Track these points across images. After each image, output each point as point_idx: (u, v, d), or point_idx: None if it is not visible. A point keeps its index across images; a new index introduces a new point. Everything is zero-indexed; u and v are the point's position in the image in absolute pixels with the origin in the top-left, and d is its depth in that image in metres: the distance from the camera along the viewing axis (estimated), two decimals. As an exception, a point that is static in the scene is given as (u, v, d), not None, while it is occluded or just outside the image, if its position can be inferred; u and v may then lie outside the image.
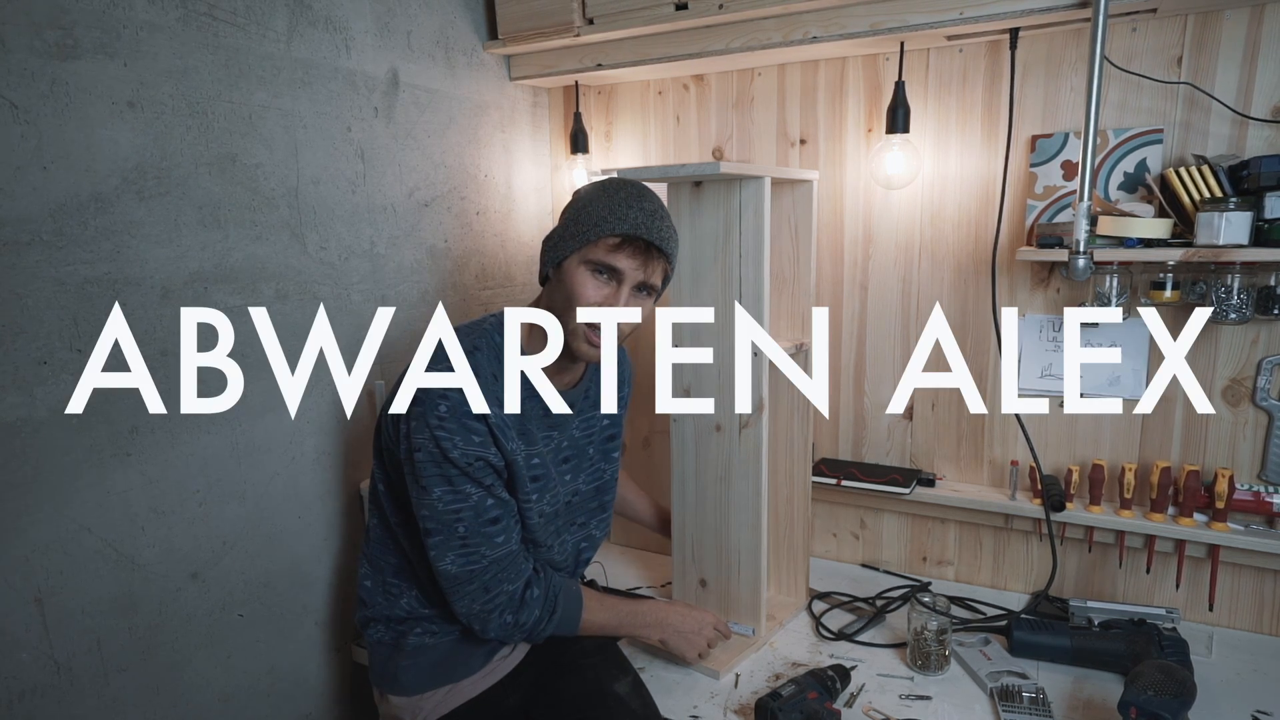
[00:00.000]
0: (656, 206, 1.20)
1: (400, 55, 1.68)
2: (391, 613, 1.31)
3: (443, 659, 1.28)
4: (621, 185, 1.21)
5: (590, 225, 1.16)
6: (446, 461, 1.14)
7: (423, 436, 1.14)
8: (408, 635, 1.29)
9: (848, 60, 1.75)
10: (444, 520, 1.17)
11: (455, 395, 1.14)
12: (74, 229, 1.18)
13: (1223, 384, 1.52)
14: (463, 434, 1.13)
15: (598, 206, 1.17)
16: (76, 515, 1.21)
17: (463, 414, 1.14)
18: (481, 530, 1.18)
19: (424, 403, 1.14)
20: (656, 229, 1.17)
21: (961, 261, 1.71)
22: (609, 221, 1.16)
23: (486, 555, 1.19)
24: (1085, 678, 1.41)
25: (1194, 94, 1.46)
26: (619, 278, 1.18)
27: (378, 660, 1.33)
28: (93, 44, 1.18)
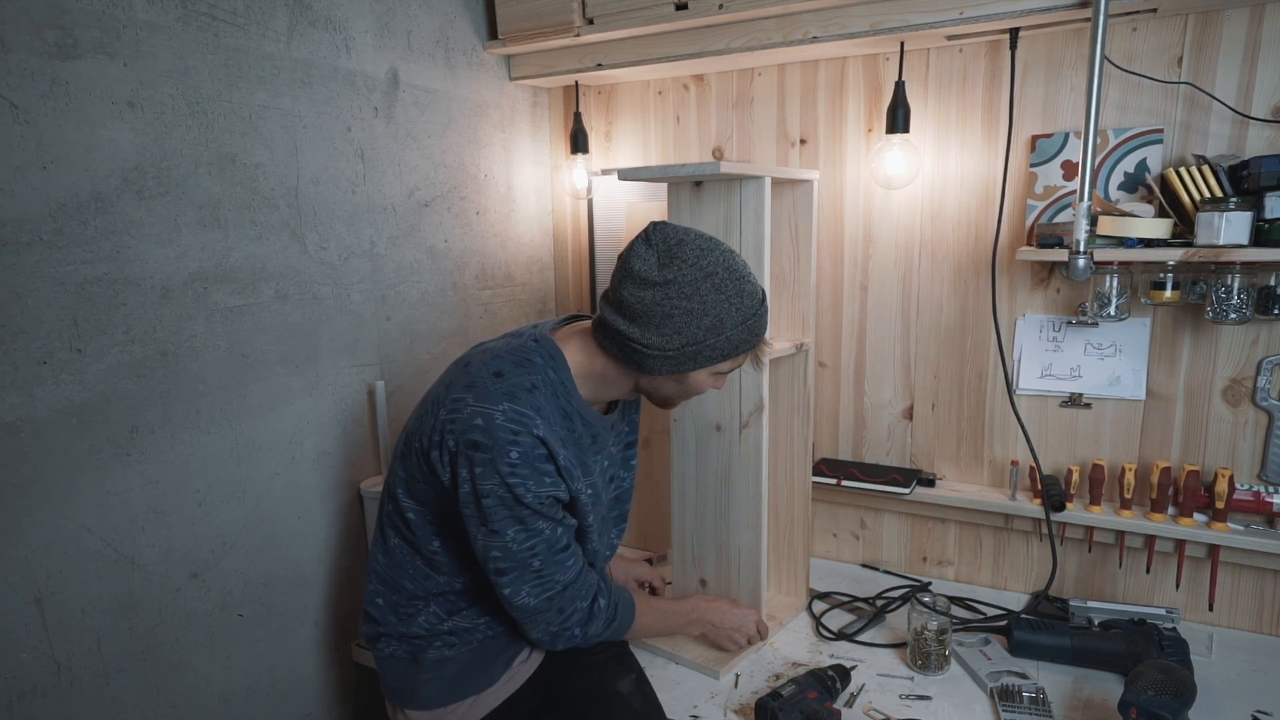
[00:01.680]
0: (763, 291, 1.19)
1: (400, 55, 1.68)
2: (407, 630, 1.27)
3: (462, 670, 1.26)
4: (742, 281, 1.14)
5: (729, 348, 1.15)
6: (519, 505, 1.11)
7: (492, 483, 1.09)
8: (426, 650, 1.26)
9: (848, 60, 1.75)
10: (519, 558, 1.15)
11: (526, 440, 1.09)
12: (74, 229, 1.18)
13: (1223, 384, 1.52)
14: (535, 478, 1.11)
15: (733, 324, 1.13)
16: (76, 515, 1.22)
17: (535, 459, 1.10)
18: (554, 559, 1.17)
19: (490, 448, 1.08)
20: (767, 321, 1.21)
21: (961, 261, 1.71)
22: (748, 342, 1.17)
23: (560, 581, 1.19)
24: (1085, 678, 1.41)
25: (1194, 94, 1.46)
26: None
27: (393, 675, 1.29)
28: (93, 44, 1.18)
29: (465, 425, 1.09)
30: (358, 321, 1.63)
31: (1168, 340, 1.55)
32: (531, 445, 1.10)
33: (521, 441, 1.09)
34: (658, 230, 1.14)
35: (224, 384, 1.39)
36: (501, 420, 1.09)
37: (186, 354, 1.33)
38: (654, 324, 1.12)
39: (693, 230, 1.16)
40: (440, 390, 1.18)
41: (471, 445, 1.09)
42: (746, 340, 1.16)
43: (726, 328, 1.13)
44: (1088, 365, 1.62)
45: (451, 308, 1.87)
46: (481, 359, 1.17)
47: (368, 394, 1.67)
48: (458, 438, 1.10)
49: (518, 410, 1.10)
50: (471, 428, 1.09)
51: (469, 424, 1.09)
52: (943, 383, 1.77)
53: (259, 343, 1.44)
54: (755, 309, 1.16)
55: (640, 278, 1.12)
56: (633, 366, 1.17)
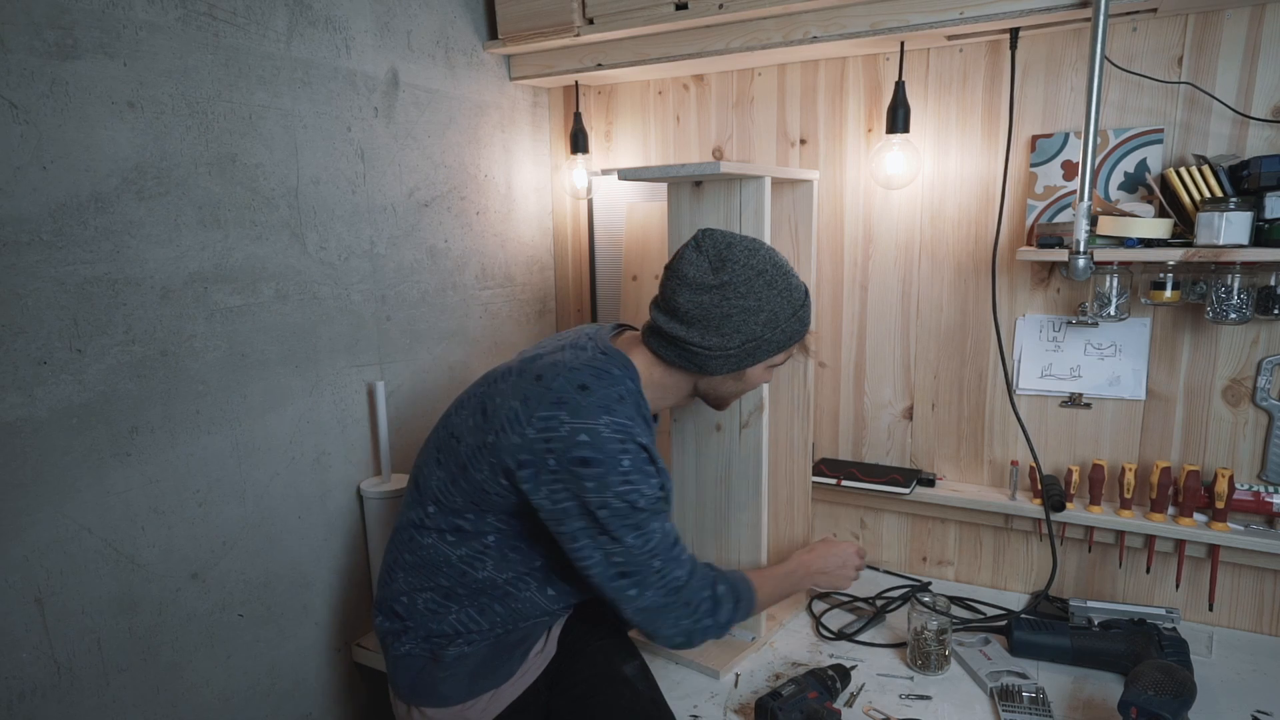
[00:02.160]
0: (802, 281, 1.26)
1: (400, 55, 1.68)
2: (436, 628, 1.25)
3: (480, 665, 1.26)
4: (789, 274, 1.21)
5: (785, 339, 1.22)
6: (635, 511, 1.13)
7: (607, 495, 1.11)
8: (446, 648, 1.25)
9: (848, 60, 1.75)
10: (640, 562, 1.16)
11: (632, 448, 1.12)
12: (74, 229, 1.18)
13: (1223, 384, 1.52)
14: (645, 481, 1.14)
15: (786, 316, 1.20)
16: (76, 515, 1.22)
17: (641, 463, 1.13)
18: (670, 555, 1.19)
19: (602, 462, 1.10)
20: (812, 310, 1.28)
21: (961, 261, 1.71)
22: (800, 332, 1.24)
23: (679, 576, 1.20)
24: (1085, 677, 1.41)
25: (1194, 94, 1.46)
26: None
27: (409, 674, 1.27)
28: (92, 44, 1.18)
29: (569, 443, 1.10)
30: (358, 321, 1.63)
31: (1168, 340, 1.55)
32: (637, 452, 1.13)
33: (629, 449, 1.12)
34: (707, 237, 1.21)
35: (224, 384, 1.39)
36: (608, 433, 1.11)
37: (186, 354, 1.33)
38: (713, 325, 1.18)
39: (737, 234, 1.23)
40: (515, 405, 1.15)
41: (580, 462, 1.10)
42: (799, 330, 1.24)
43: (781, 320, 1.20)
44: (1088, 365, 1.62)
45: (451, 308, 1.86)
46: (554, 372, 1.16)
47: (368, 394, 1.66)
48: (560, 457, 1.10)
49: (618, 422, 1.12)
50: (577, 445, 1.10)
51: (573, 441, 1.10)
52: (943, 383, 1.77)
53: (259, 343, 1.44)
54: (803, 299, 1.23)
55: (696, 283, 1.18)
56: (694, 370, 1.22)
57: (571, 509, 1.12)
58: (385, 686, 1.72)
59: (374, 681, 1.74)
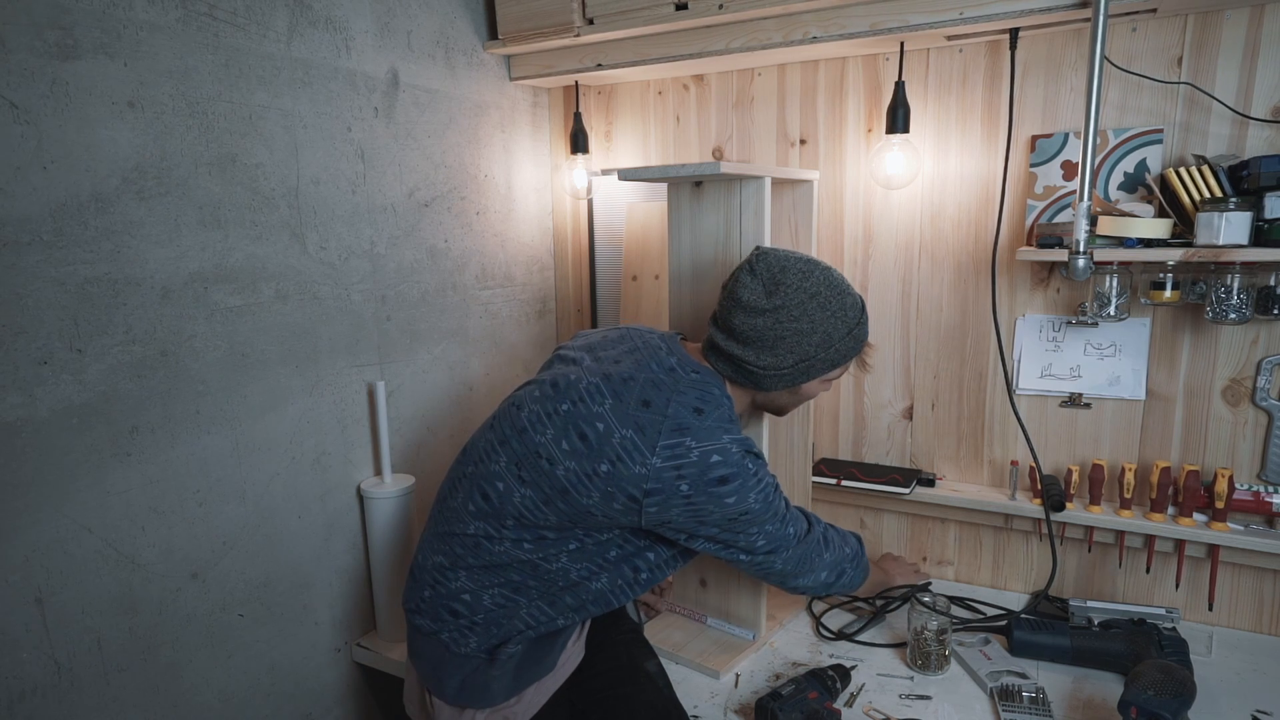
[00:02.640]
0: (861, 298, 1.28)
1: (400, 55, 1.68)
2: (507, 624, 1.24)
3: (524, 659, 1.27)
4: (844, 295, 1.23)
5: (839, 358, 1.24)
6: (769, 504, 1.21)
7: (750, 501, 1.17)
8: (505, 647, 1.24)
9: (848, 60, 1.75)
10: (780, 537, 1.26)
11: (755, 458, 1.19)
12: (74, 229, 1.18)
13: (1222, 384, 1.52)
14: (765, 471, 1.22)
15: (840, 336, 1.22)
16: (77, 515, 1.21)
17: (761, 465, 1.20)
18: (792, 515, 1.30)
19: (739, 475, 1.15)
20: (869, 326, 1.31)
21: (961, 261, 1.71)
22: (854, 349, 1.26)
23: (802, 527, 1.32)
24: (1085, 677, 1.41)
25: (1194, 94, 1.46)
26: None
27: (461, 675, 1.25)
28: (93, 44, 1.18)
29: (702, 467, 1.13)
30: (358, 321, 1.63)
31: (1167, 340, 1.55)
32: (757, 460, 1.19)
33: (751, 457, 1.18)
34: (761, 259, 1.23)
35: (224, 384, 1.39)
36: (736, 450, 1.15)
37: (187, 354, 1.33)
38: (767, 347, 1.20)
39: (793, 254, 1.24)
40: (629, 434, 1.13)
41: (719, 481, 1.14)
42: (853, 348, 1.26)
43: (835, 340, 1.22)
44: (1087, 365, 1.62)
45: (451, 308, 1.86)
46: (662, 395, 1.16)
47: (368, 394, 1.66)
48: (695, 481, 1.13)
49: (738, 439, 1.17)
50: (711, 466, 1.13)
51: (706, 463, 1.13)
52: (942, 382, 1.77)
53: (259, 343, 1.44)
54: (858, 318, 1.25)
55: (750, 306, 1.20)
56: (749, 385, 1.26)
57: (712, 520, 1.18)
58: (385, 686, 1.73)
59: (374, 682, 1.73)
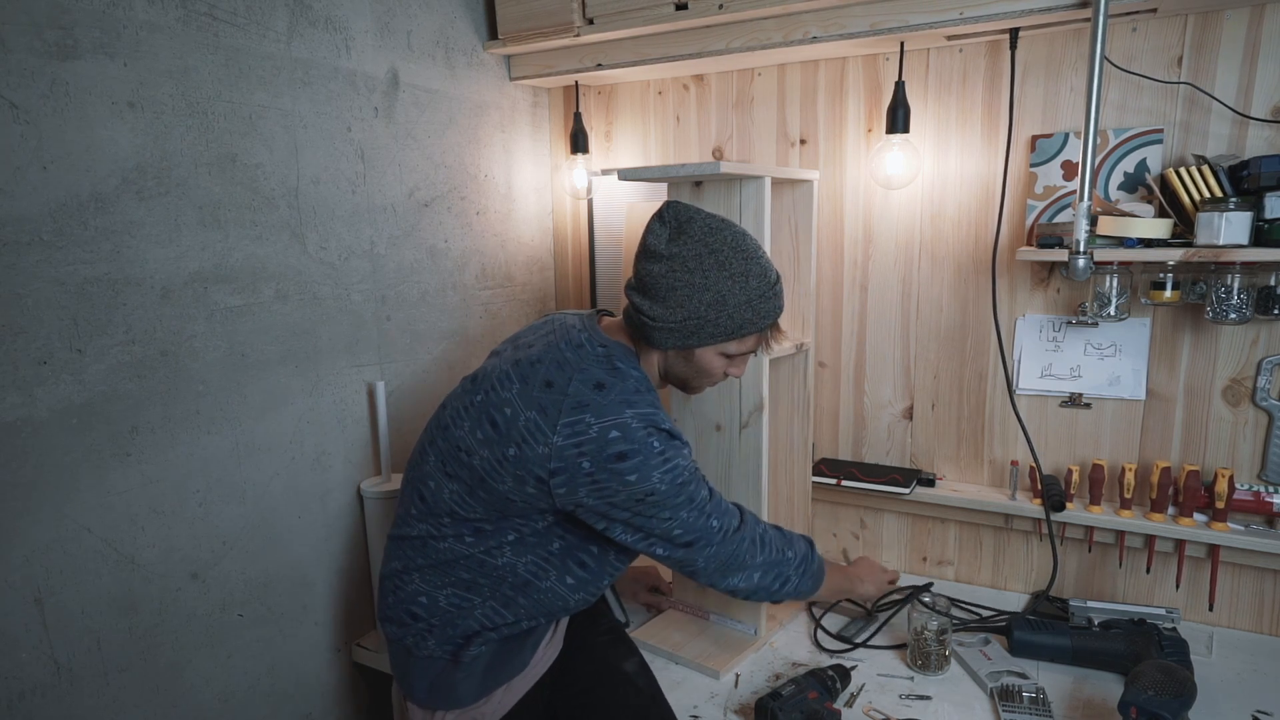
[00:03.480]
0: (777, 275, 1.21)
1: (400, 55, 1.68)
2: (461, 625, 1.24)
3: (492, 661, 1.26)
4: (750, 261, 1.17)
5: (733, 326, 1.17)
6: (684, 486, 1.16)
7: (651, 481, 1.12)
8: (468, 647, 1.24)
9: (848, 60, 1.75)
10: (699, 527, 1.20)
11: (660, 434, 1.14)
12: (74, 229, 1.18)
13: (1223, 384, 1.52)
14: (679, 455, 1.15)
15: (737, 302, 1.16)
16: (76, 515, 1.22)
17: (670, 434, 1.15)
18: (720, 509, 1.23)
19: (637, 452, 1.11)
20: (783, 303, 1.22)
21: (961, 261, 1.71)
22: (753, 323, 1.18)
23: (732, 522, 1.25)
24: (1085, 678, 1.41)
25: (1194, 94, 1.46)
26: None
27: (428, 678, 1.25)
28: (93, 44, 1.18)
29: (601, 443, 1.10)
30: (358, 321, 1.63)
31: (1168, 340, 1.55)
32: (665, 437, 1.15)
33: (655, 434, 1.13)
34: (670, 207, 1.19)
35: (224, 384, 1.39)
36: (636, 424, 1.12)
37: (186, 354, 1.33)
38: (660, 296, 1.16)
39: (707, 211, 1.19)
40: (533, 416, 1.13)
41: (617, 458, 1.10)
42: (751, 321, 1.18)
43: (729, 305, 1.16)
44: (1088, 365, 1.62)
45: (452, 308, 1.87)
46: (564, 374, 1.15)
47: (368, 394, 1.67)
48: (595, 458, 1.10)
49: (641, 413, 1.13)
50: (609, 442, 1.10)
51: (605, 439, 1.10)
52: (943, 383, 1.77)
53: (259, 343, 1.44)
54: (762, 291, 1.17)
55: (651, 251, 1.17)
56: (644, 342, 1.21)
57: (620, 501, 1.13)
58: (385, 687, 1.73)
59: (374, 682, 1.74)
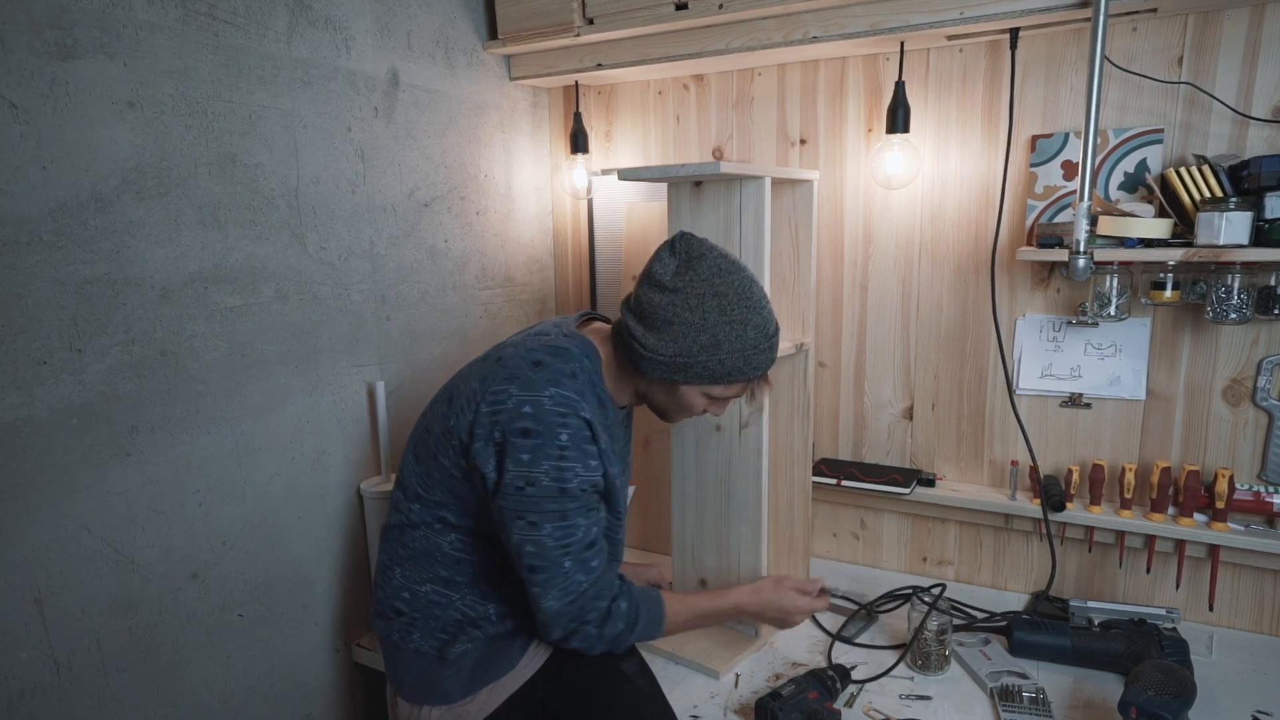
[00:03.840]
0: (776, 328, 1.20)
1: (400, 55, 1.69)
2: (444, 617, 1.26)
3: (481, 659, 1.27)
4: (752, 310, 1.16)
5: (723, 372, 1.16)
6: (563, 495, 1.12)
7: (541, 469, 1.10)
8: (453, 644, 1.25)
9: (848, 60, 1.76)
10: (551, 557, 1.14)
11: (574, 422, 1.11)
12: (74, 229, 1.18)
13: (1223, 384, 1.52)
14: (582, 460, 1.12)
15: (731, 349, 1.15)
16: (76, 515, 1.22)
17: (582, 440, 1.12)
18: (582, 558, 1.17)
19: (541, 433, 1.09)
20: (776, 356, 1.20)
21: (961, 261, 1.71)
22: (743, 371, 1.17)
23: (583, 582, 1.18)
24: (1085, 678, 1.41)
25: (1194, 94, 1.46)
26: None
27: (414, 673, 1.27)
28: (92, 44, 1.18)
29: (513, 414, 1.11)
30: (358, 321, 1.63)
31: (1168, 340, 1.55)
32: (579, 427, 1.12)
33: (570, 423, 1.11)
34: (683, 239, 1.18)
35: (224, 384, 1.40)
36: (550, 405, 1.11)
37: (186, 354, 1.34)
38: (655, 327, 1.16)
39: (721, 249, 1.18)
40: (475, 386, 1.17)
41: (521, 433, 1.10)
42: (741, 370, 1.17)
43: (722, 350, 1.15)
44: (1088, 365, 1.62)
45: (451, 308, 1.87)
46: (515, 353, 1.18)
47: (368, 394, 1.67)
48: (504, 428, 1.11)
49: (563, 394, 1.12)
50: (520, 415, 1.10)
51: (517, 412, 1.11)
52: (943, 383, 1.77)
53: (259, 343, 1.45)
54: (758, 342, 1.17)
55: (655, 280, 1.17)
56: (630, 365, 1.20)
57: (511, 484, 1.12)
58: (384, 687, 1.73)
59: (374, 682, 1.74)
